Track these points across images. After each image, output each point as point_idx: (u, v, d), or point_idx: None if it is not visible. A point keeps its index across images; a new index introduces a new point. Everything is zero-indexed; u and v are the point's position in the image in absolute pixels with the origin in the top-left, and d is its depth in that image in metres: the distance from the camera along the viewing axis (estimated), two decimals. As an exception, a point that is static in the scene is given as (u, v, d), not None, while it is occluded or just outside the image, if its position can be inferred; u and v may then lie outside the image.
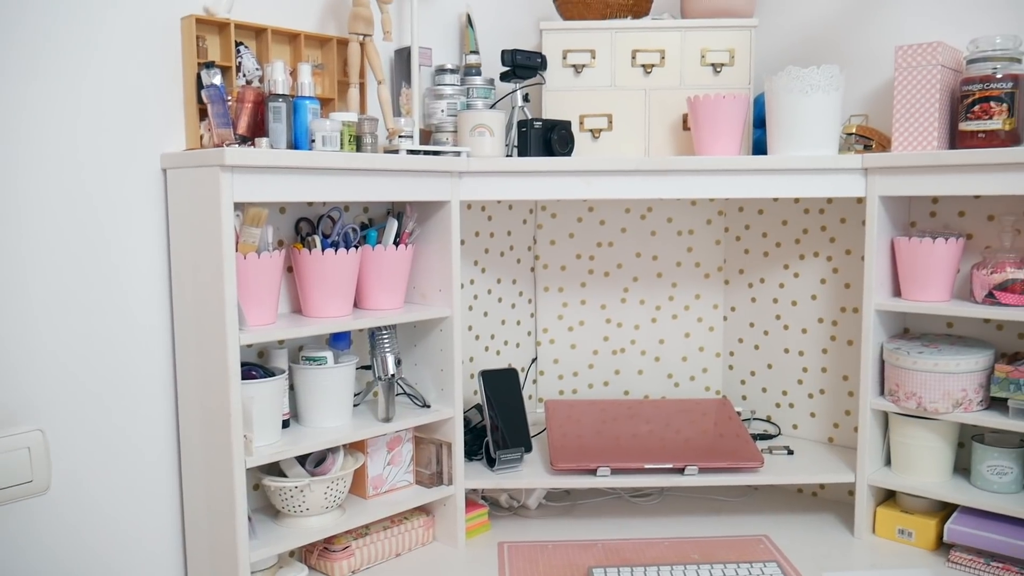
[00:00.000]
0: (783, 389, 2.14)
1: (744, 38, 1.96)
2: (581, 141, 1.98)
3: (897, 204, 1.85)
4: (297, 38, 1.68)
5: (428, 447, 1.83)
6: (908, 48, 1.74)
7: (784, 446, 2.02)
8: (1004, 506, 1.67)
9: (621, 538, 1.87)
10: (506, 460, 1.88)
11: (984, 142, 1.69)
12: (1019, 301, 1.66)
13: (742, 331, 2.19)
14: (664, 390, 2.25)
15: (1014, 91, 1.67)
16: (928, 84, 1.72)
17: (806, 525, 1.94)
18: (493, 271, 2.13)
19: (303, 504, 1.60)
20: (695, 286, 2.21)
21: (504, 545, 1.84)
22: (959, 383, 1.70)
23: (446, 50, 2.03)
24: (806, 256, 2.07)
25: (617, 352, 2.24)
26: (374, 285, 1.73)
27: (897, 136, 1.76)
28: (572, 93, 1.99)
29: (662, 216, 2.20)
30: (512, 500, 2.04)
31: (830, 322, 2.04)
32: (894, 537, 1.83)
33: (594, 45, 1.98)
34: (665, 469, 1.86)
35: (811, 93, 1.77)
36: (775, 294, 2.13)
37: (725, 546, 1.81)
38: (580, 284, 2.22)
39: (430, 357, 1.84)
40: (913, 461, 1.80)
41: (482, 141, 1.82)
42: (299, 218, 1.73)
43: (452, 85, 1.93)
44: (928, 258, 1.75)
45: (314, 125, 1.53)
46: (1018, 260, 1.69)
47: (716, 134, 1.83)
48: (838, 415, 2.06)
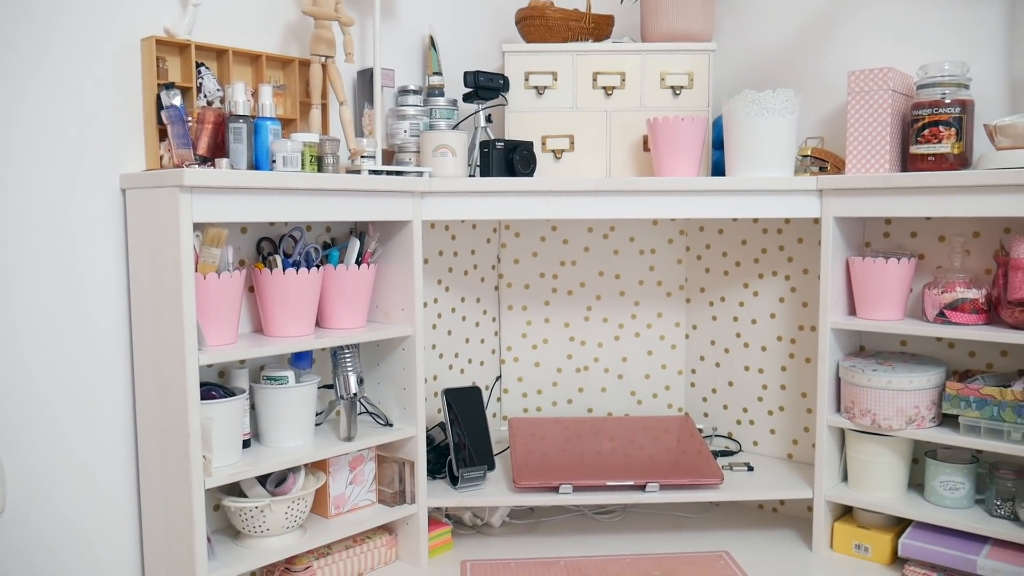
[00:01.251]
0: (744, 406, 2.17)
1: (703, 62, 2.00)
2: (543, 161, 2.01)
3: (852, 225, 1.89)
4: (259, 59, 1.69)
5: (391, 466, 1.84)
6: (860, 73, 1.78)
7: (744, 462, 2.05)
8: (956, 520, 1.70)
9: (584, 555, 1.88)
10: (469, 478, 1.88)
11: (934, 165, 1.73)
12: (968, 320, 1.71)
13: (703, 349, 2.22)
14: (627, 407, 2.27)
15: (962, 116, 1.72)
16: (879, 108, 1.76)
17: (766, 541, 1.96)
18: (457, 290, 2.14)
19: (263, 524, 1.59)
20: (657, 304, 2.24)
21: (467, 563, 1.85)
22: (912, 400, 1.73)
23: (409, 71, 2.05)
24: (765, 275, 2.11)
25: (581, 370, 2.26)
26: (336, 304, 1.74)
27: (850, 158, 1.80)
28: (534, 114, 2.01)
29: (624, 235, 2.23)
30: (476, 518, 2.04)
31: (788, 340, 2.08)
32: (851, 552, 1.86)
33: (556, 67, 2.01)
34: (626, 486, 1.87)
35: (767, 116, 1.81)
36: (735, 312, 2.16)
37: (686, 562, 1.83)
38: (544, 303, 2.24)
39: (393, 376, 1.85)
40: (869, 477, 1.83)
41: (444, 161, 1.83)
42: (261, 238, 1.73)
43: (415, 106, 1.95)
44: (881, 278, 1.79)
45: (275, 146, 1.54)
46: (968, 280, 1.73)
47: (675, 155, 1.87)
48: (797, 432, 2.09)
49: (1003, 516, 1.70)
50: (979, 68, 1.82)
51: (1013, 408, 1.62)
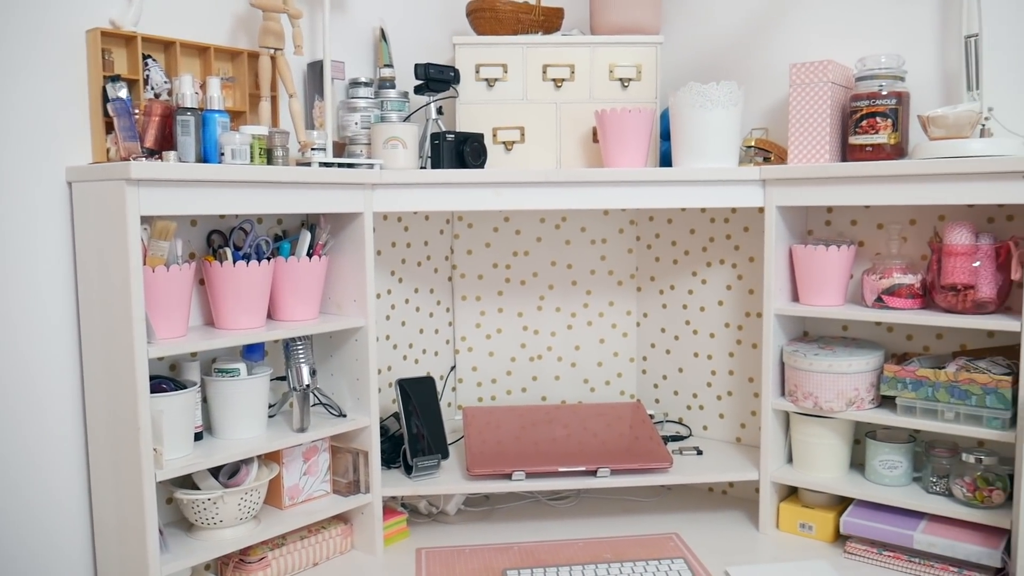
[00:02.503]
0: (693, 392, 2.22)
1: (650, 54, 2.04)
2: (494, 153, 2.03)
3: (794, 213, 1.94)
4: (207, 51, 1.69)
5: (345, 456, 1.85)
6: (801, 66, 1.83)
7: (694, 447, 2.10)
8: (894, 498, 1.77)
9: (537, 540, 1.91)
10: (423, 467, 1.91)
11: (871, 155, 1.79)
12: (905, 305, 1.77)
13: (654, 336, 2.27)
14: (580, 395, 2.30)
15: (898, 107, 1.77)
16: (820, 100, 1.81)
17: (715, 522, 2.01)
18: (410, 281, 2.16)
19: (216, 516, 1.60)
20: (609, 293, 2.28)
21: (422, 551, 1.87)
22: (852, 383, 1.79)
23: (360, 64, 2.05)
24: (713, 263, 2.16)
25: (534, 359, 2.29)
26: (288, 296, 1.74)
27: (792, 149, 1.85)
28: (485, 106, 2.03)
29: (576, 226, 2.26)
30: (431, 506, 2.06)
31: (736, 326, 2.13)
32: (796, 531, 1.91)
33: (506, 60, 2.03)
34: (578, 472, 1.91)
35: (711, 108, 1.85)
36: (684, 300, 2.21)
37: (637, 545, 1.87)
38: (497, 293, 2.26)
39: (346, 367, 1.86)
40: (812, 458, 1.89)
41: (395, 153, 1.85)
42: (211, 230, 1.73)
43: (366, 98, 1.95)
44: (823, 265, 1.84)
45: (223, 138, 1.54)
46: (904, 266, 1.79)
47: (623, 147, 1.90)
48: (745, 416, 2.14)
49: (938, 492, 1.76)
50: (914, 61, 1.88)
51: (946, 388, 1.68)
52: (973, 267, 1.67)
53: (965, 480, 1.70)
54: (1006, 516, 1.63)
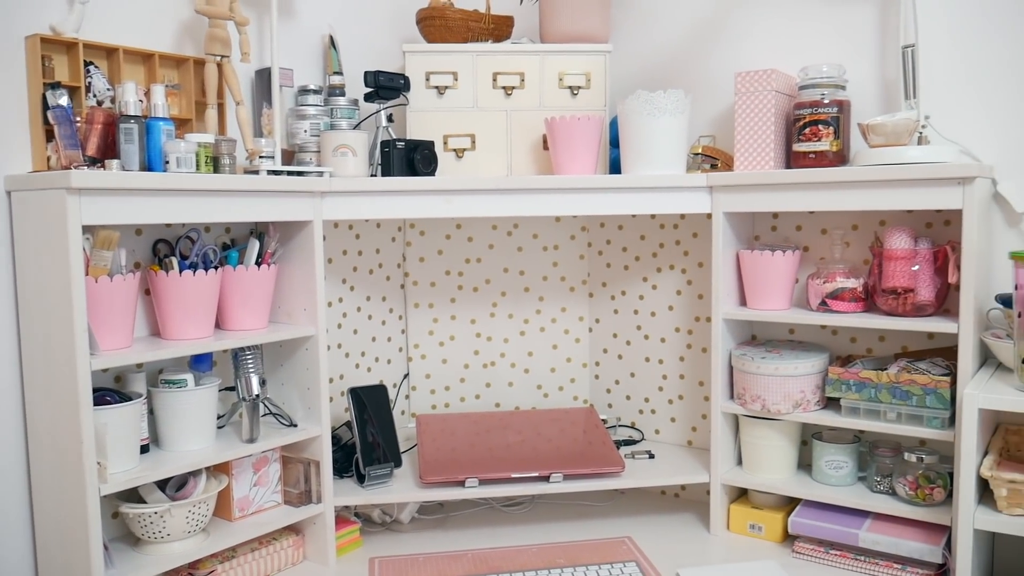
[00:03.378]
0: (645, 396, 2.24)
1: (599, 62, 2.06)
2: (445, 161, 2.03)
3: (741, 219, 1.98)
4: (151, 58, 1.67)
5: (296, 466, 1.83)
6: (746, 74, 1.86)
7: (646, 450, 2.12)
8: (840, 497, 1.80)
9: (491, 547, 1.91)
10: (375, 476, 1.90)
11: (814, 162, 1.83)
12: (848, 308, 1.81)
13: (606, 342, 2.29)
14: (534, 401, 2.31)
15: (839, 115, 1.81)
16: (764, 108, 1.85)
17: (667, 525, 2.03)
18: (362, 289, 2.15)
19: (164, 530, 1.57)
20: (561, 299, 2.29)
21: (375, 560, 1.86)
22: (798, 385, 1.82)
23: (309, 71, 2.04)
24: (663, 269, 2.18)
25: (488, 365, 2.29)
26: (236, 305, 1.73)
27: (738, 156, 1.89)
28: (436, 114, 2.03)
29: (528, 232, 2.27)
30: (385, 515, 2.05)
31: (686, 331, 2.15)
32: (746, 532, 1.94)
33: (456, 67, 2.03)
34: (531, 477, 1.92)
35: (659, 116, 1.87)
36: (635, 305, 2.23)
37: (590, 549, 1.88)
38: (450, 300, 2.26)
39: (297, 376, 1.84)
40: (761, 460, 1.92)
41: (345, 161, 1.84)
42: (157, 239, 1.71)
43: (315, 106, 1.94)
44: (769, 269, 1.88)
45: (168, 146, 1.52)
46: (847, 270, 1.83)
47: (573, 154, 1.92)
48: (696, 419, 2.17)
49: (882, 491, 1.80)
50: (854, 70, 1.92)
51: (888, 390, 1.72)
52: (912, 271, 1.72)
53: (907, 479, 1.74)
54: (947, 513, 1.67)
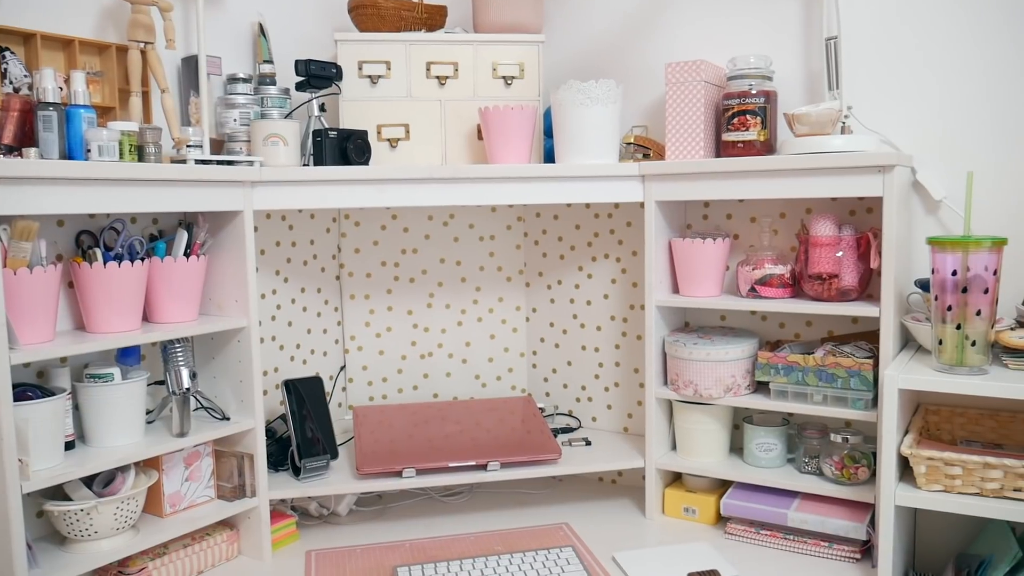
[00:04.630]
0: (582, 384, 2.26)
1: (533, 53, 2.06)
2: (379, 150, 2.02)
3: (673, 208, 2.01)
4: (71, 44, 1.62)
5: (229, 460, 1.81)
6: (676, 65, 1.89)
7: (583, 438, 2.14)
8: (770, 479, 1.85)
9: (429, 537, 1.92)
10: (311, 468, 1.88)
11: (743, 151, 1.86)
12: (776, 294, 1.85)
13: (543, 331, 2.30)
14: (472, 391, 2.32)
15: (766, 106, 1.85)
16: (694, 98, 1.88)
17: (604, 510, 2.06)
18: (296, 280, 2.13)
19: (91, 527, 1.54)
20: (498, 289, 2.30)
21: (312, 553, 1.84)
22: (729, 370, 1.86)
23: (238, 59, 2.01)
24: (598, 258, 2.20)
25: (425, 356, 2.29)
26: (164, 298, 1.69)
27: (669, 146, 1.91)
28: (369, 103, 2.02)
29: (464, 223, 2.27)
30: (322, 508, 2.04)
31: (621, 319, 2.18)
32: (680, 515, 1.98)
33: (389, 57, 2.02)
34: (469, 466, 1.92)
35: (591, 105, 1.89)
36: (572, 295, 2.25)
37: (527, 536, 1.90)
38: (386, 291, 2.25)
39: (229, 369, 1.82)
40: (694, 444, 1.96)
41: (276, 150, 1.82)
42: (80, 230, 1.66)
43: (245, 94, 1.91)
44: (700, 257, 1.91)
45: (89, 134, 1.48)
46: (775, 257, 1.87)
47: (506, 143, 1.92)
48: (631, 406, 2.20)
49: (810, 472, 1.85)
50: (780, 62, 1.97)
51: (815, 373, 1.77)
52: (837, 257, 1.77)
53: (834, 459, 1.79)
54: (870, 491, 1.73)
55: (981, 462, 1.49)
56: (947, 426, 1.79)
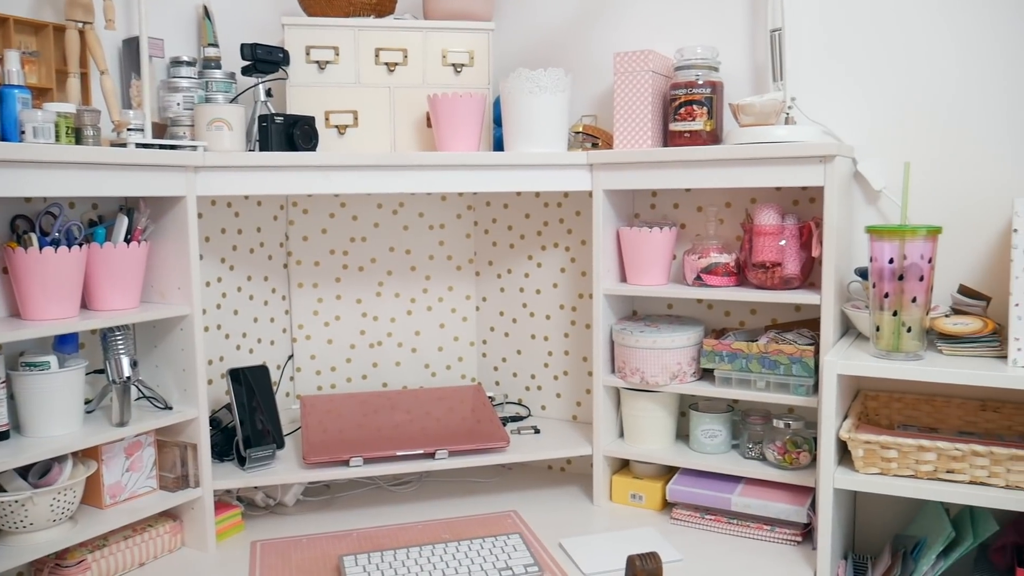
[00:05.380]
0: (532, 373, 2.27)
1: (483, 40, 2.06)
2: (327, 137, 2.00)
3: (621, 197, 2.02)
4: (6, 23, 1.58)
5: (172, 450, 1.78)
6: (624, 55, 1.90)
7: (532, 426, 2.15)
8: (715, 464, 1.87)
9: (377, 526, 1.91)
10: (257, 458, 1.86)
11: (689, 141, 1.88)
12: (721, 282, 1.87)
13: (493, 320, 2.30)
14: (422, 380, 2.31)
15: (713, 96, 1.87)
16: (642, 88, 1.89)
17: (552, 498, 2.07)
18: (243, 268, 2.10)
19: (26, 519, 1.50)
20: (448, 278, 2.30)
21: (257, 544, 1.83)
22: (675, 358, 1.88)
23: (182, 42, 1.97)
24: (547, 247, 2.21)
25: (374, 345, 2.27)
26: (104, 284, 1.66)
27: (617, 135, 1.92)
28: (316, 89, 2.00)
29: (413, 211, 2.26)
30: (268, 498, 2.02)
31: (570, 308, 2.19)
32: (627, 502, 2.00)
33: (338, 42, 2.00)
34: (417, 455, 1.92)
35: (539, 94, 1.89)
36: (521, 283, 2.25)
37: (475, 524, 1.90)
38: (335, 279, 2.23)
39: (171, 357, 1.79)
40: (641, 431, 1.98)
41: (220, 135, 1.79)
42: (15, 215, 1.62)
43: (189, 78, 1.88)
44: (647, 246, 1.93)
45: (24, 116, 1.44)
46: (720, 246, 1.90)
47: (455, 131, 1.91)
48: (580, 394, 2.21)
49: (753, 457, 1.88)
50: (727, 53, 1.99)
51: (758, 360, 1.79)
52: (780, 246, 1.80)
53: (776, 444, 1.83)
54: (811, 476, 1.76)
55: (915, 445, 1.53)
56: (885, 411, 1.84)
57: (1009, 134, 1.74)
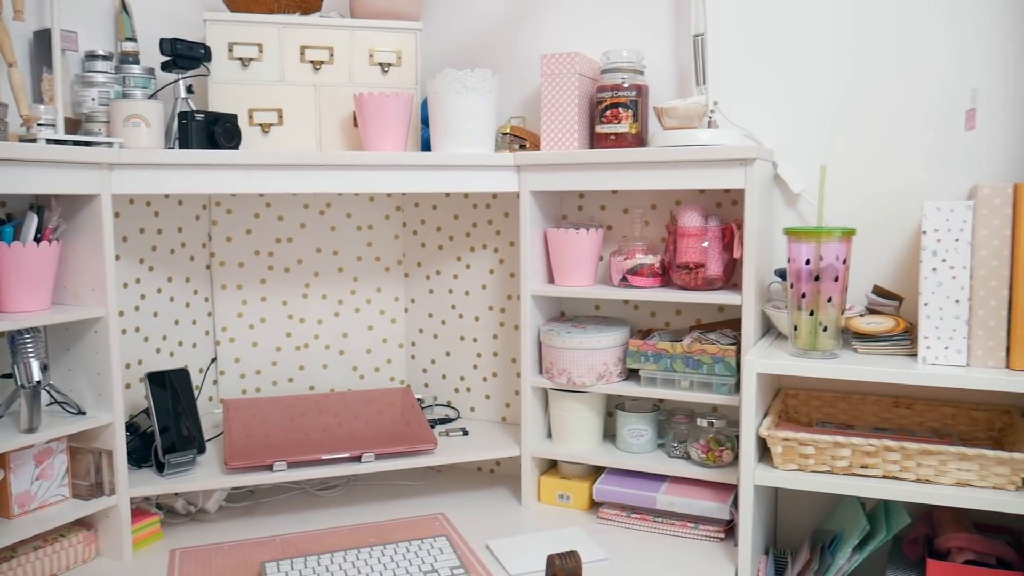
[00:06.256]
0: (461, 375, 2.26)
1: (410, 40, 2.05)
2: (251, 136, 1.96)
3: (549, 198, 2.03)
4: (-96, 12, 1.51)
5: (86, 457, 1.72)
6: (551, 57, 1.91)
7: (461, 428, 2.14)
8: (641, 464, 1.89)
9: (302, 531, 1.87)
10: (176, 464, 1.81)
11: (615, 143, 1.90)
12: (646, 283, 1.89)
13: (422, 321, 2.29)
14: (350, 383, 2.28)
15: (638, 99, 1.89)
16: (568, 90, 1.90)
17: (481, 500, 2.06)
18: (163, 269, 2.04)
19: (-75, 530, 1.44)
20: (376, 280, 2.27)
21: (176, 552, 1.78)
22: (601, 358, 1.90)
23: (98, 36, 1.91)
24: (476, 248, 2.21)
25: (301, 348, 2.24)
26: (12, 285, 1.59)
27: (544, 136, 1.93)
28: (240, 87, 1.96)
29: (341, 212, 2.23)
30: (189, 505, 1.97)
31: (499, 309, 2.19)
32: (555, 502, 2.00)
33: (262, 39, 1.96)
34: (342, 458, 1.89)
35: (466, 94, 1.89)
36: (450, 285, 2.24)
37: (403, 527, 1.88)
38: (260, 281, 2.19)
39: (85, 361, 1.73)
40: (568, 432, 1.98)
41: (137, 132, 1.74)
42: (-85, 213, 1.55)
43: (105, 73, 1.82)
44: (574, 247, 1.94)
45: (-77, 109, 1.38)
46: (646, 247, 1.92)
47: (382, 131, 1.90)
48: (509, 395, 2.21)
49: (678, 456, 1.91)
50: (652, 56, 2.02)
51: (682, 359, 1.82)
52: (703, 247, 1.82)
53: (700, 443, 1.85)
54: (734, 473, 1.80)
55: (831, 441, 1.57)
56: (804, 409, 1.88)
57: (920, 139, 1.80)
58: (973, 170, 1.77)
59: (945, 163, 1.79)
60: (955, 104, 1.77)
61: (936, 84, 1.78)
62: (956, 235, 1.53)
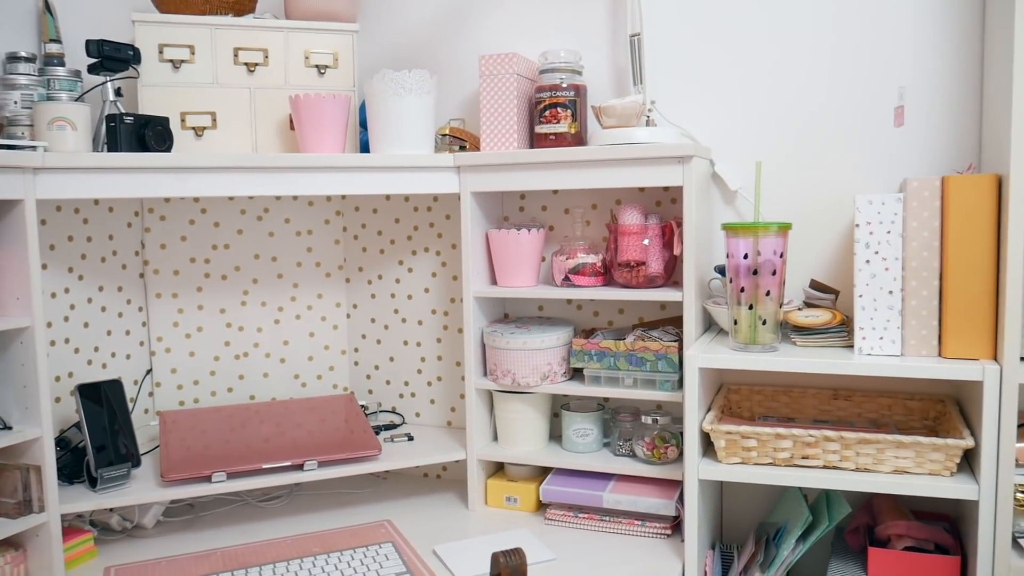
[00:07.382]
0: (405, 380, 2.24)
1: (347, 42, 2.02)
2: (184, 139, 1.91)
3: (490, 199, 2.02)
4: None
5: (12, 473, 1.65)
6: (489, 57, 1.90)
7: (406, 433, 2.11)
8: (587, 463, 1.89)
9: (243, 543, 1.83)
10: (109, 478, 1.75)
11: (554, 143, 1.90)
12: (589, 282, 1.90)
13: (365, 327, 2.26)
14: (291, 391, 2.24)
15: (576, 99, 1.90)
16: (507, 91, 1.90)
17: (428, 505, 2.04)
18: (93, 278, 1.98)
19: None
20: (317, 285, 2.24)
21: (111, 569, 1.72)
22: (545, 358, 1.89)
23: (19, 37, 1.85)
24: (418, 252, 2.19)
25: (240, 356, 2.19)
26: (-70, 296, 1.53)
27: (484, 137, 1.92)
28: (171, 89, 1.91)
29: (279, 217, 2.19)
30: (125, 521, 1.90)
31: (442, 312, 2.17)
32: (502, 505, 1.99)
33: (193, 41, 1.92)
34: (284, 467, 1.85)
35: (404, 96, 1.87)
36: (392, 289, 2.22)
37: (347, 535, 1.85)
38: (196, 289, 2.14)
39: (11, 373, 1.66)
40: (514, 433, 1.97)
41: (63, 136, 1.68)
42: None
43: (27, 75, 1.76)
44: (516, 248, 1.93)
45: None
46: (587, 247, 1.92)
47: (319, 133, 1.87)
48: (454, 399, 2.19)
49: (624, 454, 1.91)
50: (589, 57, 2.03)
51: (626, 357, 1.82)
52: (644, 245, 1.83)
53: (645, 440, 1.86)
54: (679, 469, 1.80)
55: (773, 433, 1.59)
56: (747, 403, 1.90)
57: (851, 136, 1.84)
58: (903, 165, 1.81)
59: (876, 159, 1.83)
60: (884, 102, 1.82)
61: (865, 83, 1.82)
62: (888, 227, 1.56)
